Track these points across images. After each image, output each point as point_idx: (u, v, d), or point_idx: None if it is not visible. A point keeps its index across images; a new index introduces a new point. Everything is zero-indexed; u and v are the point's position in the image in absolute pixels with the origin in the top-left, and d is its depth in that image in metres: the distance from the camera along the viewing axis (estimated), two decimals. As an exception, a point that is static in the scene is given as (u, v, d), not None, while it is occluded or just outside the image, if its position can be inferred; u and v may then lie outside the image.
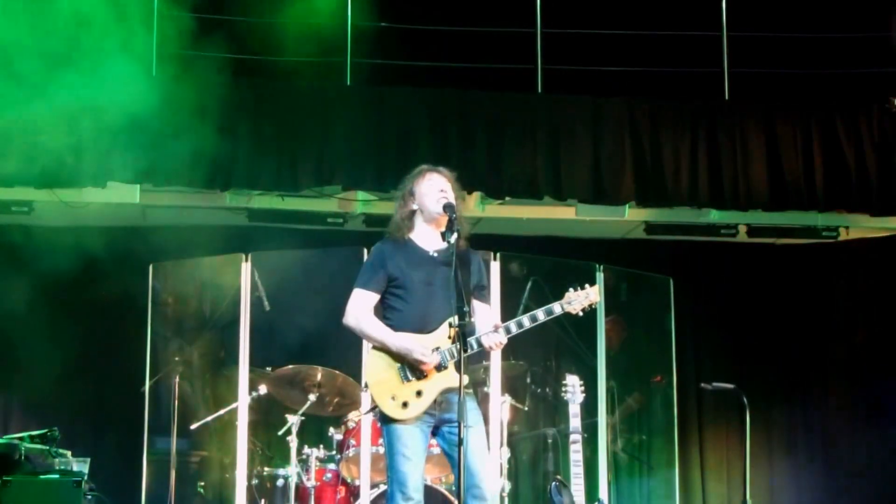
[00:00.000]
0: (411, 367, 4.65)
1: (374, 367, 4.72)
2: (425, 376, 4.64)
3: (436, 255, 4.77)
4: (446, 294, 4.57)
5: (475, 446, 4.59)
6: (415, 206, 4.83)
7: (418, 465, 4.64)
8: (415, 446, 4.62)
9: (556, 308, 4.74)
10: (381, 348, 4.72)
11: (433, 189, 4.79)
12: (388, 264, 4.74)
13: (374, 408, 4.77)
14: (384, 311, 4.78)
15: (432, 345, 4.64)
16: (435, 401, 4.65)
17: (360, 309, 4.75)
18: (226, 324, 7.31)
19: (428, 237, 4.83)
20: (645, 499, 8.52)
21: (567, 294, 4.78)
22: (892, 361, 8.56)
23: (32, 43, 6.85)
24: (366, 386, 4.76)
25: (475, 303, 4.78)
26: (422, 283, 4.69)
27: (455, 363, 4.58)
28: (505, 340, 4.68)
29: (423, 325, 4.67)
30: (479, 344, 4.66)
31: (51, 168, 7.01)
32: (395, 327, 4.71)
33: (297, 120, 7.50)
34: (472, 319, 4.67)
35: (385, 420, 4.69)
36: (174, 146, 7.02)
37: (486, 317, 4.83)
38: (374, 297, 4.77)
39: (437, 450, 5.11)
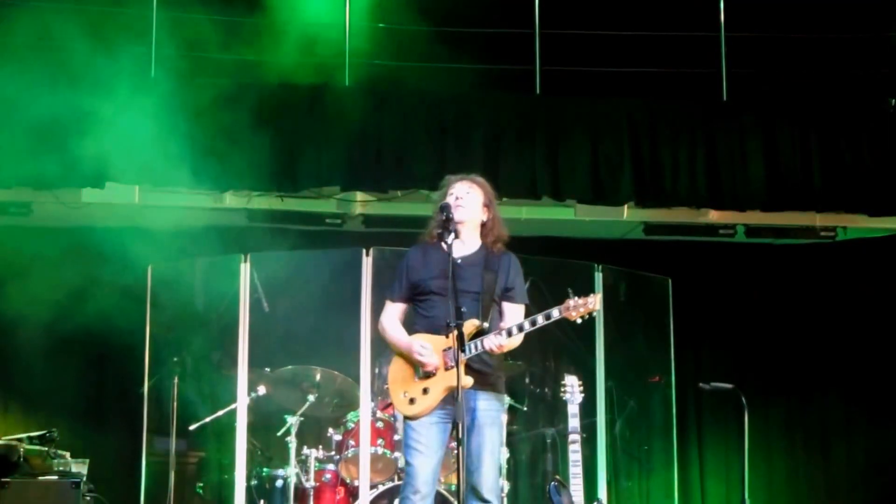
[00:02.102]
0: (420, 366, 4.76)
1: (395, 367, 4.90)
2: (433, 375, 4.73)
3: (460, 260, 4.80)
4: (464, 298, 4.65)
5: (479, 449, 4.67)
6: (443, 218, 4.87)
7: (430, 458, 4.70)
8: (427, 440, 4.70)
9: (555, 313, 4.76)
10: (400, 353, 4.89)
11: (451, 200, 4.85)
12: (410, 274, 4.90)
13: (389, 403, 4.88)
14: (415, 319, 4.92)
15: (445, 346, 4.68)
16: (452, 395, 4.65)
17: (386, 317, 4.96)
18: (225, 325, 7.30)
19: (459, 242, 4.85)
20: (644, 499, 8.52)
21: (567, 300, 4.81)
22: (890, 361, 8.57)
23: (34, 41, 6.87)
24: (387, 383, 4.90)
25: (504, 304, 4.88)
26: (438, 289, 4.78)
27: (464, 362, 4.65)
28: (505, 343, 4.71)
29: (436, 329, 4.74)
30: (481, 346, 4.70)
31: (50, 169, 7.02)
32: (416, 331, 4.86)
33: (296, 121, 7.51)
34: (486, 324, 4.74)
35: (404, 417, 4.87)
36: (173, 147, 7.03)
37: (515, 316, 4.88)
38: (401, 307, 4.96)
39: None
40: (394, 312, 4.95)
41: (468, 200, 4.88)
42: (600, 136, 7.92)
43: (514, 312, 4.88)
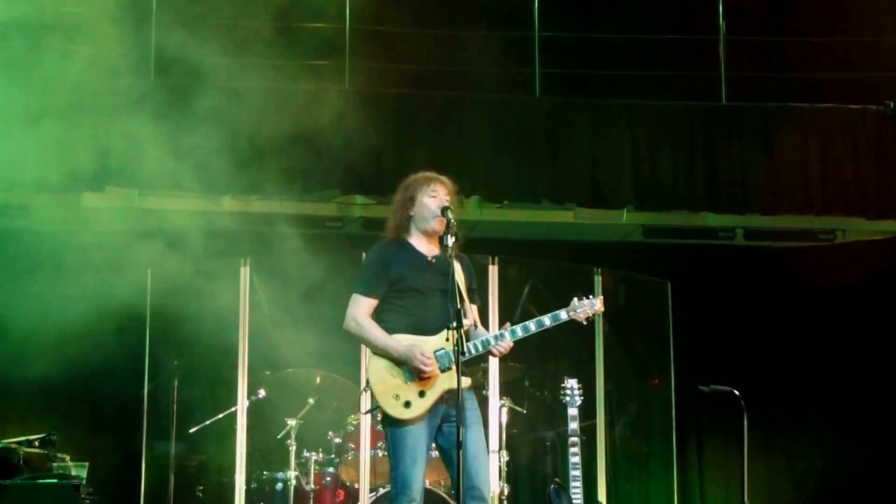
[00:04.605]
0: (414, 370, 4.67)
1: (377, 369, 4.72)
2: (428, 377, 4.66)
3: (433, 260, 4.80)
4: (444, 298, 4.61)
5: (474, 448, 4.62)
6: (412, 213, 4.85)
7: (422, 466, 4.66)
8: (419, 448, 4.64)
9: (563, 315, 4.82)
10: (384, 354, 4.72)
11: (434, 202, 4.80)
12: (389, 268, 4.77)
13: (374, 408, 4.77)
14: (382, 314, 4.78)
15: (435, 346, 4.66)
16: (441, 398, 4.67)
17: (361, 314, 4.76)
18: (225, 327, 7.31)
19: (424, 243, 4.86)
20: (643, 501, 8.52)
21: (573, 302, 4.85)
22: (889, 364, 8.58)
23: (35, 45, 6.88)
24: (367, 386, 4.76)
25: (466, 304, 4.81)
26: (422, 287, 4.73)
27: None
28: (511, 344, 4.73)
29: (423, 329, 4.69)
30: (486, 346, 4.70)
31: (50, 172, 7.02)
32: (394, 330, 4.72)
33: (296, 123, 7.51)
34: (474, 325, 4.75)
35: (388, 422, 4.70)
36: (173, 151, 7.03)
37: (475, 317, 4.89)
38: (375, 302, 4.79)
39: (435, 453, 5.12)
40: (368, 309, 4.75)
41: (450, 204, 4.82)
42: (600, 138, 7.94)
43: (475, 314, 4.88)
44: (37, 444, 6.17)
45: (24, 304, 7.36)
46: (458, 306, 4.51)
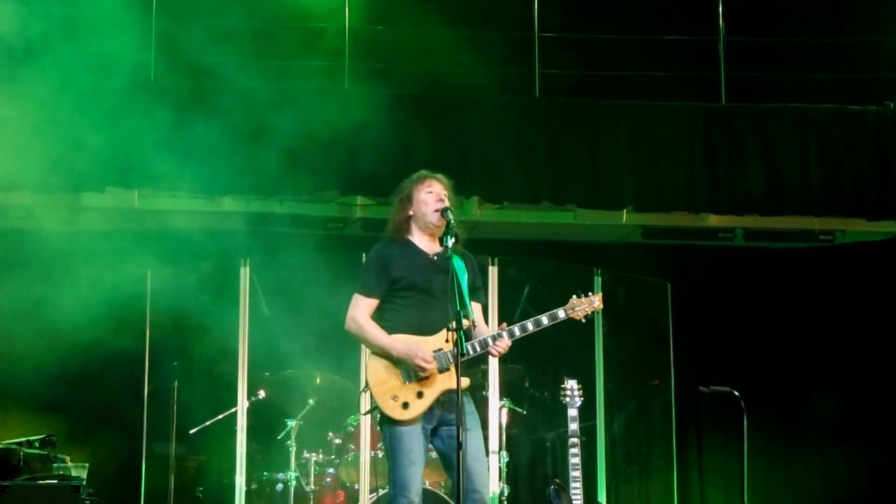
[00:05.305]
0: (412, 369, 4.67)
1: (376, 369, 4.72)
2: (427, 378, 4.66)
3: (435, 258, 4.80)
4: (445, 298, 4.61)
5: (474, 451, 4.63)
6: (411, 212, 4.86)
7: (420, 467, 4.67)
8: (417, 449, 4.64)
9: (560, 313, 4.81)
10: (383, 354, 4.72)
11: (431, 198, 4.81)
12: (390, 268, 4.77)
13: (373, 409, 4.77)
14: (384, 314, 4.79)
15: (434, 347, 4.66)
16: (437, 400, 4.66)
17: (362, 315, 4.77)
18: (225, 328, 7.31)
19: (426, 241, 4.86)
20: (643, 501, 8.53)
21: (571, 300, 4.84)
22: (888, 365, 8.58)
23: (34, 46, 6.88)
24: (366, 387, 4.76)
25: (471, 303, 4.80)
26: (423, 286, 4.73)
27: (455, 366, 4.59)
28: (510, 344, 4.72)
29: (424, 329, 4.70)
30: (484, 346, 4.69)
31: (50, 172, 7.02)
32: (395, 329, 4.73)
33: (296, 124, 7.51)
34: (473, 323, 4.73)
35: (386, 422, 4.70)
36: (173, 151, 7.03)
37: (479, 315, 4.89)
38: (376, 302, 4.80)
39: (433, 454, 5.13)
40: (369, 309, 4.76)
41: (447, 202, 4.82)
42: (599, 139, 7.94)
43: (479, 310, 4.88)
44: (37, 444, 6.17)
45: (24, 305, 7.35)
46: (458, 307, 4.50)
